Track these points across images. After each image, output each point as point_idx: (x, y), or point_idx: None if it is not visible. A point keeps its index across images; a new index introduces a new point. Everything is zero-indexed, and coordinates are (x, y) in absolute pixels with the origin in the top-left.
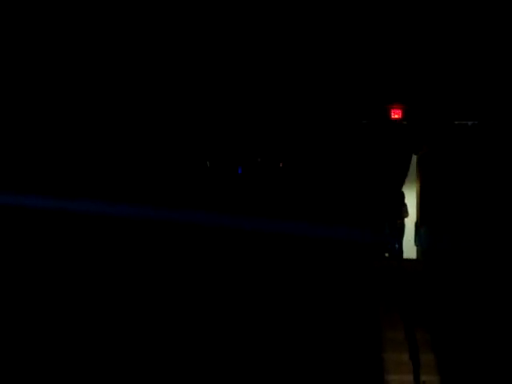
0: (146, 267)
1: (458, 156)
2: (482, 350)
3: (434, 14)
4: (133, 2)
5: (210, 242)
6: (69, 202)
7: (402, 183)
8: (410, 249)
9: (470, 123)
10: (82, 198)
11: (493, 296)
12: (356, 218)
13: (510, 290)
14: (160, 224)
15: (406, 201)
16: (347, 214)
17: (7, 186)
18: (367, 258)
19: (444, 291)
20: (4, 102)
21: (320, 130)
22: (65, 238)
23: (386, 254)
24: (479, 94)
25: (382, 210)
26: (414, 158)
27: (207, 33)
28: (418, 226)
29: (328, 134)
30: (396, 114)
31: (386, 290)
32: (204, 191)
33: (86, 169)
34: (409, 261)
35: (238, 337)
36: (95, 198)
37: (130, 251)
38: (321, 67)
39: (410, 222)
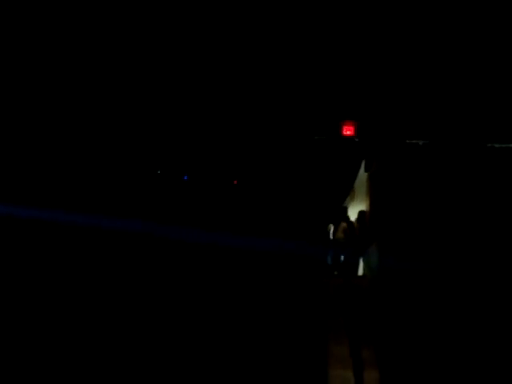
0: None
1: (409, 175)
2: (425, 368)
3: (388, 33)
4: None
5: (156, 252)
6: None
7: (344, 198)
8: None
9: (421, 143)
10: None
11: (440, 314)
12: (300, 231)
13: (459, 306)
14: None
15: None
16: (292, 227)
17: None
18: (315, 274)
19: (390, 308)
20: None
21: (272, 145)
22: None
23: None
24: (431, 113)
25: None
26: (365, 176)
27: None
28: (366, 243)
29: (280, 149)
30: (348, 131)
31: (332, 306)
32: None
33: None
34: (356, 277)
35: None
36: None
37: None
38: (274, 82)
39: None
